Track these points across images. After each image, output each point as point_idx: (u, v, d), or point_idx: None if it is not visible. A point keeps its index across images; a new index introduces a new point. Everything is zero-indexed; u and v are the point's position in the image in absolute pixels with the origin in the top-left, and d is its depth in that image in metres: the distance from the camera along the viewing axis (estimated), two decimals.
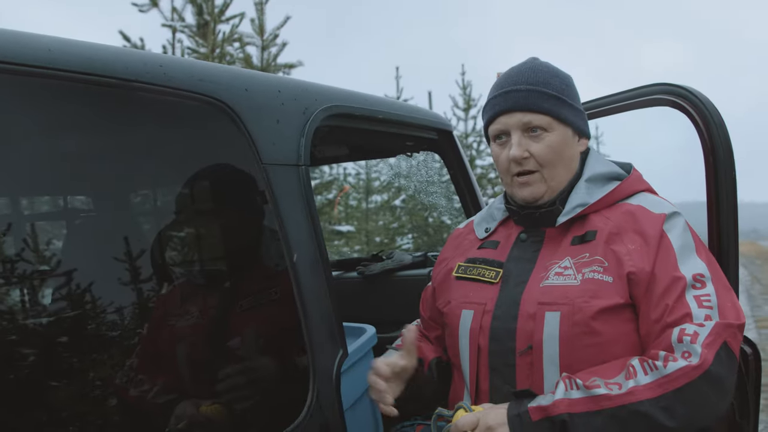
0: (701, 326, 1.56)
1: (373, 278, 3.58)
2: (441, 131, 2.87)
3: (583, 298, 1.65)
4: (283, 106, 1.97)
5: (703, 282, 1.63)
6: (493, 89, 1.88)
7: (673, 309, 1.61)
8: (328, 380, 1.90)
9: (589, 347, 1.64)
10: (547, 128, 1.78)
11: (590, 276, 1.68)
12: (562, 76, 1.86)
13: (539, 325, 1.68)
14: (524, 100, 1.78)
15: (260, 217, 2.08)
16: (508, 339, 1.72)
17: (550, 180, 1.81)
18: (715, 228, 2.12)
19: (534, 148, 1.78)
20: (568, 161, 1.83)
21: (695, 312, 1.59)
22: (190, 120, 1.84)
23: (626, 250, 1.68)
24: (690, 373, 1.51)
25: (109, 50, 1.62)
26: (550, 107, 1.78)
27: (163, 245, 1.95)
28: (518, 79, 1.82)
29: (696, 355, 1.52)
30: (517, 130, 1.79)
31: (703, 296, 1.61)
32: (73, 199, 2.06)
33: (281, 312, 2.00)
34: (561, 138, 1.80)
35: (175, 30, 7.88)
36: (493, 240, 1.95)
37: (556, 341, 1.65)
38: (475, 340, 1.79)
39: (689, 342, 1.54)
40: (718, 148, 2.09)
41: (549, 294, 1.70)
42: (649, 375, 1.54)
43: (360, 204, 14.17)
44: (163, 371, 1.88)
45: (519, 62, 1.91)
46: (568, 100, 1.83)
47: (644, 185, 1.88)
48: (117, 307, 1.73)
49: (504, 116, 1.81)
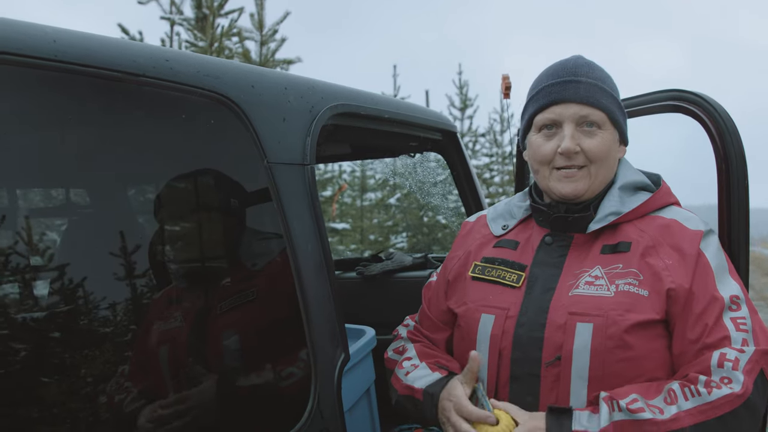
0: (741, 352, 1.54)
1: (372, 279, 3.54)
2: (445, 132, 2.84)
3: (618, 311, 1.61)
4: (290, 103, 1.93)
5: (739, 304, 1.61)
6: (546, 78, 1.81)
7: (712, 330, 1.58)
8: (330, 384, 1.86)
9: (620, 362, 1.60)
10: (602, 126, 1.74)
11: (625, 288, 1.64)
12: (612, 79, 1.82)
13: (570, 336, 1.63)
14: (585, 92, 1.73)
15: (264, 216, 2.04)
16: (533, 348, 1.67)
17: (594, 178, 1.76)
18: (726, 235, 2.09)
19: (586, 144, 1.73)
20: (612, 164, 1.80)
21: (733, 335, 1.57)
22: (196, 116, 1.80)
23: (664, 264, 1.65)
24: (734, 401, 1.50)
25: (115, 43, 1.58)
26: (608, 104, 1.75)
27: (165, 243, 1.91)
28: (577, 71, 1.77)
29: (738, 382, 1.50)
30: (571, 123, 1.74)
31: (739, 319, 1.59)
32: (71, 194, 2.02)
33: (283, 313, 1.96)
34: (611, 138, 1.77)
35: (174, 23, 7.84)
36: (511, 239, 1.90)
37: (587, 354, 1.61)
38: (497, 347, 1.73)
39: (731, 368, 1.52)
40: (731, 156, 2.05)
41: (580, 304, 1.66)
42: (690, 401, 1.52)
43: (355, 202, 14.15)
44: (156, 376, 1.84)
45: (566, 57, 1.85)
46: (620, 102, 1.81)
47: (673, 198, 1.86)
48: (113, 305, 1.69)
49: (559, 106, 1.75)
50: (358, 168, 13.94)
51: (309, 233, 1.88)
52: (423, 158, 3.60)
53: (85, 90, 1.53)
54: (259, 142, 1.80)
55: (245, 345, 1.96)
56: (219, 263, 2.06)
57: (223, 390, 1.86)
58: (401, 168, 4.14)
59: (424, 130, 2.69)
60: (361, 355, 2.59)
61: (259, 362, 1.98)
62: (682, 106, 2.13)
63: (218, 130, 1.84)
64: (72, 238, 1.89)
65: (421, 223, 13.77)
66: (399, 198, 13.86)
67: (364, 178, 13.91)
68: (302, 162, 1.90)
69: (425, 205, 13.21)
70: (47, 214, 1.92)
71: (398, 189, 13.74)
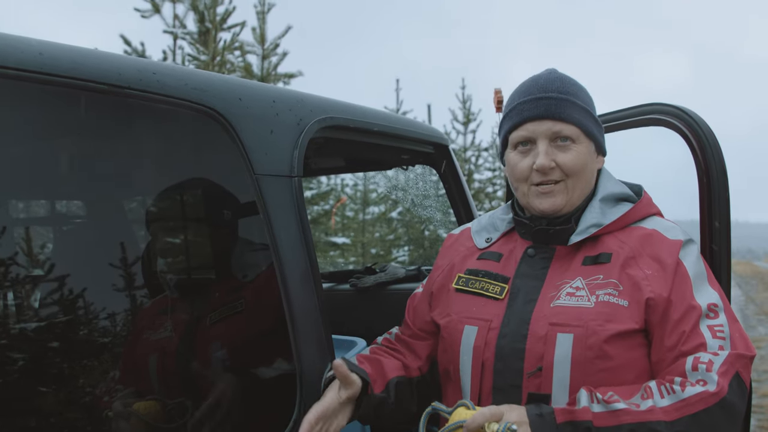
0: (716, 355, 1.56)
1: (365, 291, 3.55)
2: (437, 145, 2.85)
3: (598, 321, 1.63)
4: (278, 116, 1.96)
5: (717, 312, 1.63)
6: (519, 95, 1.83)
7: (689, 338, 1.59)
8: (315, 395, 1.87)
9: (601, 372, 1.61)
10: (576, 140, 1.76)
11: (605, 299, 1.66)
12: (585, 91, 1.84)
13: (550, 347, 1.64)
14: (556, 108, 1.75)
15: (252, 227, 2.06)
16: (515, 359, 1.68)
17: (572, 192, 1.78)
18: (708, 248, 2.10)
19: (561, 159, 1.75)
20: (589, 177, 1.82)
21: (710, 342, 1.58)
22: (183, 128, 1.82)
23: (643, 274, 1.67)
24: (708, 399, 1.50)
25: (102, 56, 1.61)
26: (580, 119, 1.76)
27: (156, 254, 1.93)
28: (548, 87, 1.78)
29: (713, 382, 1.52)
30: (545, 139, 1.76)
31: (716, 326, 1.61)
32: (57, 206, 2.04)
33: (269, 324, 1.98)
34: (587, 151, 1.78)
35: (176, 37, 7.89)
36: (495, 251, 1.91)
37: (567, 364, 1.62)
38: (479, 358, 1.74)
39: (704, 370, 1.53)
40: (712, 169, 2.07)
41: (561, 315, 1.67)
42: (666, 398, 1.53)
43: (357, 215, 14.15)
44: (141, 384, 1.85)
45: (539, 72, 1.87)
46: (594, 115, 1.82)
47: (655, 209, 1.87)
48: (102, 314, 1.71)
49: (532, 123, 1.77)
50: (361, 182, 13.96)
51: (296, 245, 1.90)
52: (425, 171, 3.62)
53: (72, 103, 1.56)
54: (246, 154, 1.82)
55: (234, 354, 1.98)
56: (211, 274, 2.08)
57: (210, 399, 1.88)
58: (403, 182, 4.16)
59: (415, 143, 2.71)
60: None
61: (246, 371, 1.99)
62: (663, 119, 2.15)
63: (205, 142, 1.87)
64: (59, 250, 1.91)
65: (422, 237, 13.76)
66: (401, 212, 13.87)
67: (366, 192, 13.93)
68: (290, 174, 1.93)
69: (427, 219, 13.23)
70: (34, 224, 1.95)
71: (400, 203, 13.75)
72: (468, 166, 15.71)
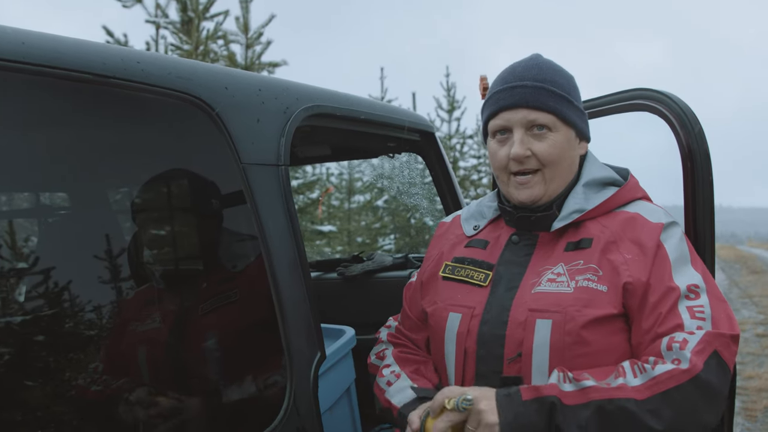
0: (692, 334, 1.54)
1: (353, 279, 3.56)
2: (423, 132, 2.85)
3: (576, 306, 1.63)
4: (264, 105, 1.95)
5: (698, 293, 1.62)
6: (496, 84, 1.84)
7: (666, 319, 1.59)
8: (306, 383, 1.87)
9: (579, 357, 1.61)
10: (552, 128, 1.75)
11: (584, 284, 1.66)
12: (567, 76, 1.83)
13: (530, 333, 1.65)
14: (531, 96, 1.74)
15: (239, 217, 2.05)
16: (496, 345, 1.69)
17: (550, 181, 1.78)
18: (692, 232, 2.12)
19: (537, 147, 1.75)
20: (569, 164, 1.81)
21: (687, 322, 1.57)
22: (168, 118, 1.81)
23: (623, 259, 1.66)
24: (678, 376, 1.49)
25: (85, 45, 1.59)
26: (556, 106, 1.75)
27: (142, 244, 1.92)
28: (524, 75, 1.78)
29: (685, 360, 1.50)
30: (521, 128, 1.76)
31: (696, 307, 1.59)
32: (40, 196, 2.02)
33: (258, 313, 1.98)
34: (564, 139, 1.77)
35: (159, 26, 7.84)
36: (482, 239, 1.92)
37: (546, 350, 1.62)
38: (462, 345, 1.75)
39: (678, 349, 1.52)
40: (696, 153, 2.09)
41: (541, 301, 1.67)
42: (638, 377, 1.52)
43: (342, 204, 14.16)
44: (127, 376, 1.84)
45: (522, 58, 1.87)
46: (574, 101, 1.80)
47: (641, 193, 1.86)
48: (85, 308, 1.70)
49: (508, 112, 1.77)
50: (346, 171, 13.96)
51: (283, 233, 1.89)
52: (410, 159, 3.62)
53: (55, 92, 1.55)
54: (233, 143, 1.81)
55: (225, 345, 1.98)
56: (200, 264, 2.07)
57: (202, 389, 1.88)
58: (388, 170, 4.16)
59: (401, 131, 2.71)
60: (341, 355, 2.60)
61: (238, 361, 1.99)
62: (647, 104, 2.16)
63: (191, 131, 1.85)
64: (42, 242, 1.89)
65: (408, 225, 13.79)
66: (387, 200, 13.88)
67: (351, 181, 13.93)
68: (276, 163, 1.92)
69: (412, 207, 13.25)
70: (17, 216, 1.93)
71: (386, 191, 13.76)
72: (453, 154, 15.75)
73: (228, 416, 1.89)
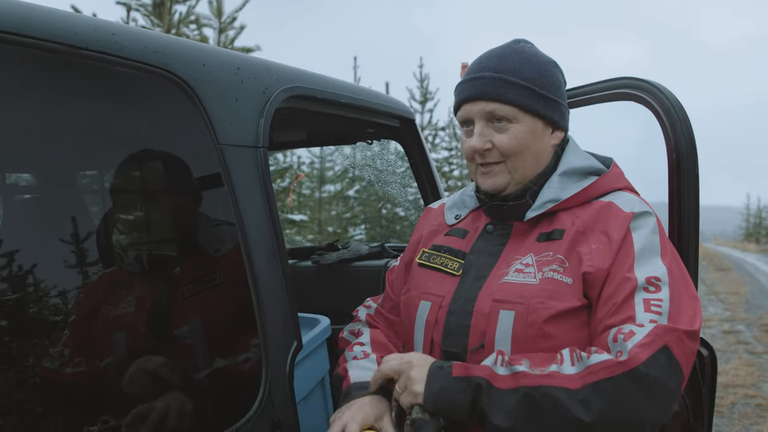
0: (641, 327, 1.48)
1: (328, 268, 3.50)
2: (403, 119, 2.80)
3: (540, 298, 1.58)
4: (243, 84, 1.87)
5: (658, 286, 1.54)
6: (463, 75, 1.80)
7: (618, 310, 1.53)
8: (281, 373, 1.81)
9: (542, 350, 1.57)
10: (512, 119, 1.70)
11: (549, 275, 1.62)
12: (537, 63, 1.75)
13: (492, 324, 1.61)
14: (487, 88, 1.70)
15: (215, 199, 1.98)
16: (461, 336, 1.66)
17: (514, 171, 1.73)
18: (676, 227, 2.09)
19: (497, 139, 1.71)
20: (535, 154, 1.75)
21: (639, 315, 1.50)
22: (143, 94, 1.73)
23: (588, 249, 1.62)
24: (613, 368, 1.44)
25: (56, 13, 1.50)
26: (515, 97, 1.69)
27: (113, 226, 1.84)
28: (486, 65, 1.73)
29: (625, 352, 1.44)
30: (481, 120, 1.72)
31: (653, 300, 1.52)
32: (6, 177, 1.93)
33: (233, 300, 1.91)
34: (527, 129, 1.71)
35: (130, 8, 7.70)
36: (462, 228, 1.88)
37: (508, 342, 1.59)
38: (429, 335, 1.72)
39: (622, 340, 1.46)
40: (682, 144, 2.06)
41: (505, 291, 1.64)
42: (575, 366, 1.47)
43: (313, 193, 14.07)
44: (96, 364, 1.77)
45: (499, 44, 1.82)
46: (539, 89, 1.72)
47: (623, 182, 1.80)
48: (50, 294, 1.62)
49: (468, 104, 1.74)
50: (317, 159, 13.87)
51: (261, 218, 1.82)
52: (382, 149, 3.56)
53: (21, 63, 1.46)
54: (210, 122, 1.73)
55: (203, 332, 1.92)
56: (178, 246, 2.00)
57: (180, 377, 1.81)
58: (360, 159, 4.10)
59: (382, 117, 2.65)
60: (315, 345, 2.54)
61: (213, 350, 1.93)
62: (634, 93, 2.13)
63: (167, 109, 1.77)
64: (7, 224, 1.81)
65: (379, 215, 13.76)
66: (358, 190, 13.83)
67: (323, 170, 13.84)
68: (255, 144, 1.85)
69: (384, 196, 13.22)
70: None
71: (357, 181, 13.71)
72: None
73: (199, 407, 1.82)
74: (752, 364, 8.32)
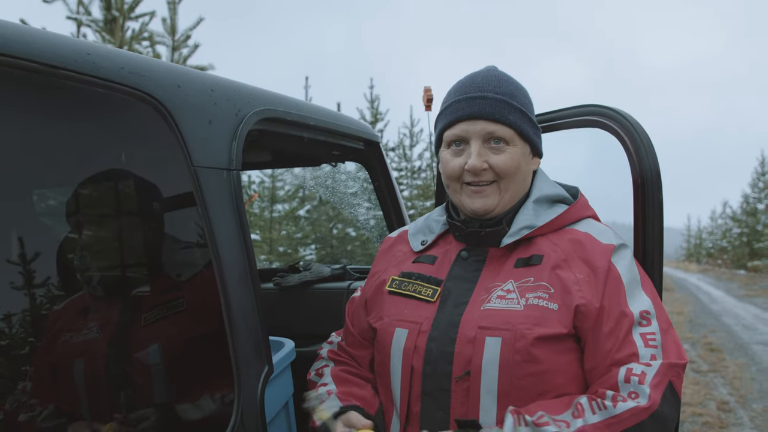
0: (648, 366, 1.55)
1: (290, 290, 3.47)
2: (368, 142, 2.81)
3: (526, 324, 1.60)
4: (216, 106, 1.86)
5: (649, 320, 1.62)
6: (455, 93, 1.80)
7: (621, 346, 1.59)
8: (253, 397, 1.79)
9: (529, 376, 1.58)
10: (510, 141, 1.73)
11: (534, 302, 1.63)
12: (524, 91, 1.81)
13: (479, 351, 1.61)
14: (491, 108, 1.72)
15: (188, 222, 1.95)
16: (444, 362, 1.65)
17: (504, 192, 1.75)
18: (641, 252, 2.13)
19: (494, 160, 1.72)
20: (523, 177, 1.79)
21: (642, 351, 1.57)
22: (119, 114, 1.70)
23: (575, 278, 1.65)
24: (639, 414, 1.50)
25: (33, 32, 1.47)
26: (515, 120, 1.73)
27: (78, 249, 1.79)
28: (485, 86, 1.75)
29: (644, 396, 1.51)
30: (479, 140, 1.73)
31: (648, 334, 1.60)
32: None
33: (205, 325, 1.88)
34: (521, 153, 1.75)
35: (81, 24, 7.54)
36: (430, 255, 1.88)
37: (495, 368, 1.59)
38: (409, 362, 1.70)
39: (637, 383, 1.52)
40: (646, 170, 2.11)
41: (490, 318, 1.64)
42: (597, 414, 1.51)
43: (263, 212, 13.95)
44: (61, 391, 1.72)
45: (479, 69, 1.85)
46: (530, 115, 1.78)
47: (590, 211, 1.86)
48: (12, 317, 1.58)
49: (466, 123, 1.74)
50: (268, 179, 13.77)
51: (234, 241, 1.81)
52: (334, 170, 3.56)
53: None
54: (185, 144, 1.72)
55: (170, 357, 1.87)
56: (141, 271, 1.96)
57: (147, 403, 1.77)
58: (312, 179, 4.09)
59: (348, 139, 2.66)
60: (281, 368, 2.51)
61: (183, 374, 1.89)
62: (600, 120, 2.18)
63: (142, 130, 1.75)
64: None
65: (330, 236, 13.71)
66: (309, 210, 13.76)
67: (273, 189, 13.75)
68: (228, 167, 1.84)
69: (335, 216, 13.19)
70: None
71: (308, 201, 13.65)
72: None
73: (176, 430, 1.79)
74: (698, 382, 8.50)
